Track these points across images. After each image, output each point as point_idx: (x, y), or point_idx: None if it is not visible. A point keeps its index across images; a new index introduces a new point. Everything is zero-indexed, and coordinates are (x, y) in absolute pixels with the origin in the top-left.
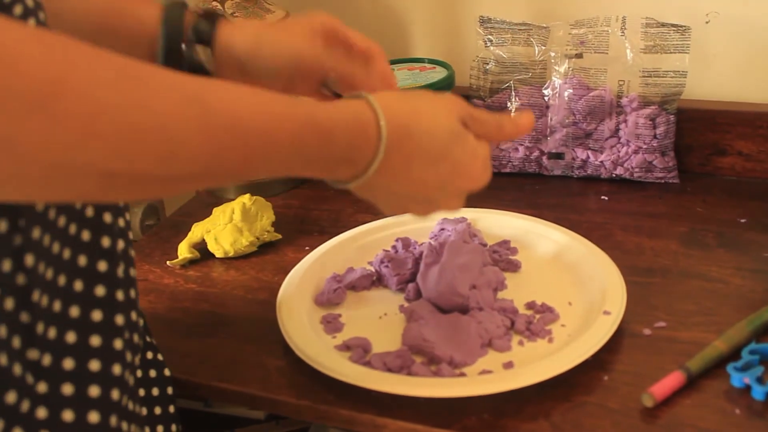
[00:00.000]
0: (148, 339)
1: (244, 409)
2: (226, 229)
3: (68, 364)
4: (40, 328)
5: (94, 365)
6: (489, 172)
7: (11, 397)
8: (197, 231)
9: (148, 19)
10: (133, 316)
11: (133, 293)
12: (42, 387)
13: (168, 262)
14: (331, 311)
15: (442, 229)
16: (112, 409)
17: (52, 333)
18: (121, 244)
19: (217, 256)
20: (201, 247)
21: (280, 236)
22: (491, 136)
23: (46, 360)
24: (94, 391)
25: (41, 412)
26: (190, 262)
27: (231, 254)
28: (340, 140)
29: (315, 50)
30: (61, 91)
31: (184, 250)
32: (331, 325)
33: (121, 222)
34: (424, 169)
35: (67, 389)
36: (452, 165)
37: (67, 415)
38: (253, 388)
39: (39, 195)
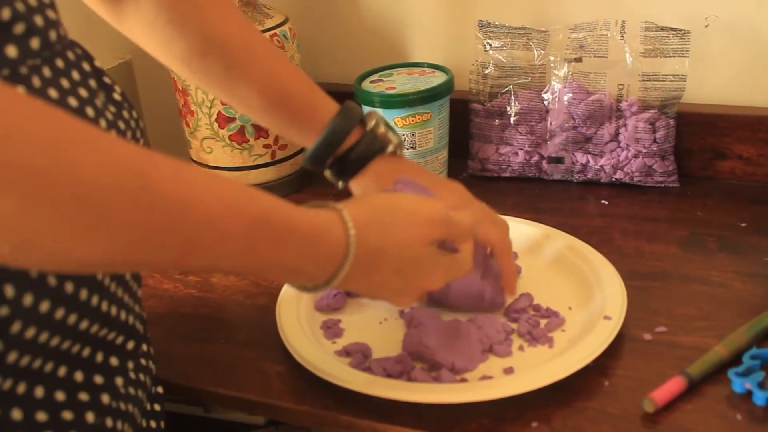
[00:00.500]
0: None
1: (243, 414)
2: None
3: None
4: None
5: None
6: (449, 277)
7: None
8: None
9: (319, 115)
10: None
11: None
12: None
13: None
14: (330, 316)
15: None
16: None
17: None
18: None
19: None
20: None
21: None
22: (468, 236)
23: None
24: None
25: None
26: None
27: None
28: (297, 248)
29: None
30: None
31: None
32: (331, 330)
33: None
34: (384, 277)
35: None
36: (411, 277)
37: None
38: (253, 393)
39: None
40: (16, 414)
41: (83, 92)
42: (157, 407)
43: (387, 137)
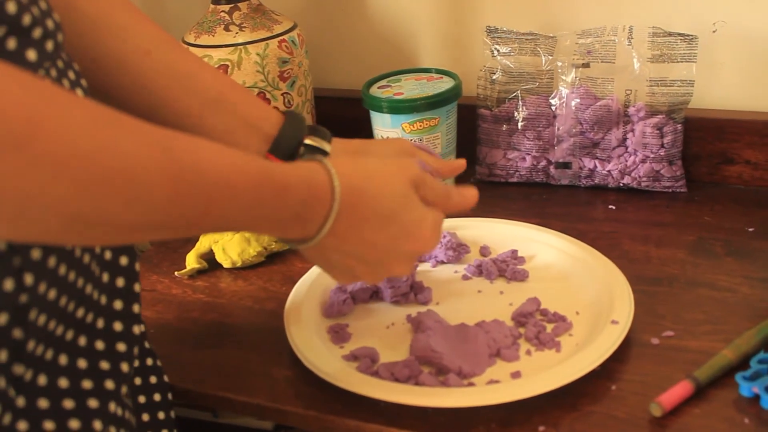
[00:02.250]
0: (147, 345)
1: (251, 419)
2: (234, 239)
3: (42, 379)
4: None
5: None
6: (438, 237)
7: None
8: (205, 241)
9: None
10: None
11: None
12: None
13: (176, 273)
14: (338, 321)
15: None
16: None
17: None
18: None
19: (224, 266)
20: (209, 257)
21: (287, 246)
22: (439, 202)
23: (28, 375)
24: (93, 403)
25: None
26: (198, 273)
27: (239, 264)
28: (294, 196)
29: None
30: (35, 132)
31: (192, 261)
32: (339, 335)
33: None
34: (374, 231)
35: (43, 403)
36: (401, 228)
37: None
38: (261, 398)
39: (4, 233)
40: (43, 403)
41: (79, 92)
42: (161, 415)
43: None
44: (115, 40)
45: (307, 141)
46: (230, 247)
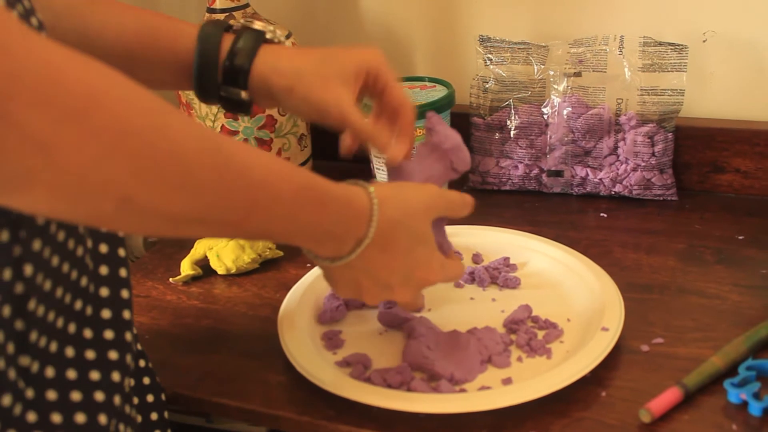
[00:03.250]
0: (139, 347)
1: (245, 424)
2: (229, 246)
3: (50, 372)
4: (33, 336)
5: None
6: (443, 275)
7: (6, 401)
8: (200, 248)
9: (184, 39)
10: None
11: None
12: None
13: (171, 279)
14: (331, 328)
15: None
16: (111, 413)
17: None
18: (123, 272)
19: (219, 272)
20: (203, 263)
21: (281, 253)
22: (457, 211)
23: (35, 367)
24: (99, 396)
25: (31, 416)
26: (193, 279)
27: (233, 271)
28: (333, 212)
29: (342, 108)
30: (95, 106)
31: (186, 267)
32: (332, 341)
33: (121, 252)
34: (397, 258)
35: (51, 395)
36: (417, 258)
37: (56, 418)
38: (255, 403)
39: (61, 208)
40: (51, 395)
41: None
42: (154, 416)
43: (262, 28)
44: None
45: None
46: (225, 254)
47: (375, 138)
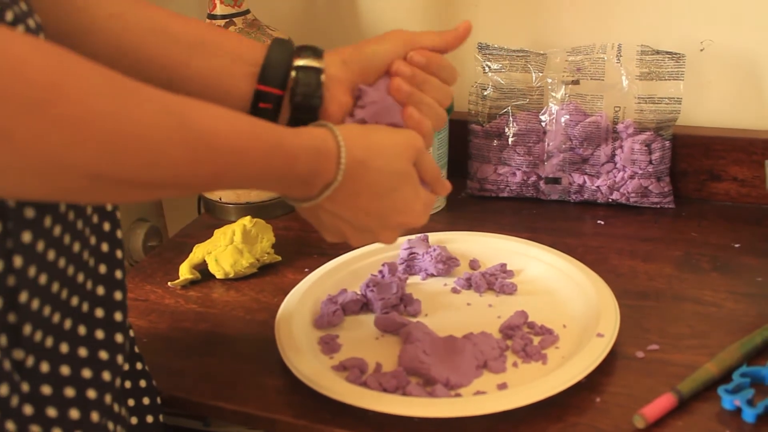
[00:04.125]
0: (136, 350)
1: (242, 428)
2: (227, 250)
3: (44, 366)
4: (27, 329)
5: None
6: (427, 215)
7: (4, 390)
8: (198, 252)
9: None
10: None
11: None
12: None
13: (169, 283)
14: (328, 332)
15: (412, 254)
16: (101, 409)
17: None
18: (119, 274)
19: (217, 277)
20: (202, 268)
21: (279, 258)
22: (429, 181)
23: (30, 361)
24: (70, 392)
25: (28, 409)
26: (191, 283)
27: (231, 275)
28: (303, 165)
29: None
30: (56, 96)
31: (185, 271)
32: (329, 345)
33: (119, 253)
34: (369, 202)
35: (46, 390)
36: (394, 202)
37: (51, 412)
38: (252, 407)
39: (32, 190)
40: (46, 390)
41: None
42: (149, 419)
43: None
44: (77, 11)
45: (297, 62)
46: (223, 259)
47: None
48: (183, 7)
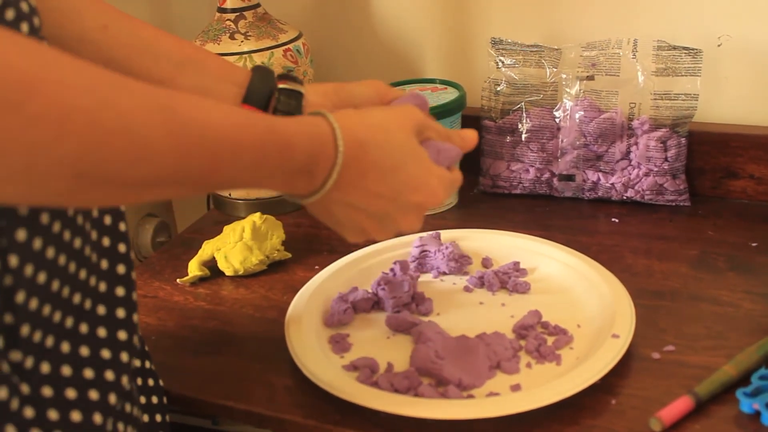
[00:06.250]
0: (146, 348)
1: (251, 427)
2: (236, 247)
3: (45, 367)
4: (25, 330)
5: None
6: (447, 191)
7: (3, 393)
8: (208, 249)
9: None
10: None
11: (133, 315)
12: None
13: (178, 280)
14: (339, 331)
15: (424, 252)
16: (104, 410)
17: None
18: (121, 269)
19: (226, 274)
20: (211, 265)
21: (289, 255)
22: (444, 138)
23: (29, 363)
24: (94, 394)
25: (28, 412)
26: (200, 280)
27: (241, 272)
28: (299, 150)
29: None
30: (31, 93)
31: (194, 268)
32: (339, 344)
33: (122, 247)
34: (378, 182)
35: (47, 391)
36: (406, 179)
37: (53, 414)
38: (261, 406)
39: (14, 193)
40: (47, 391)
41: None
42: (158, 417)
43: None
44: (69, 20)
45: (281, 86)
46: (232, 255)
47: None
48: (193, 1)
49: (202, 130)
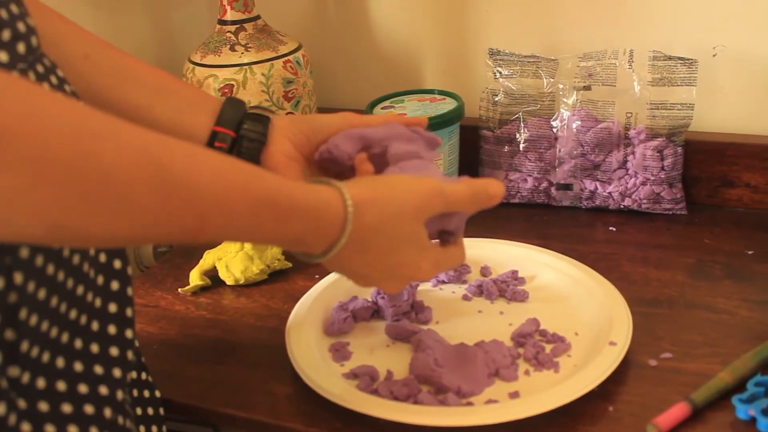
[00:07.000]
0: (142, 359)
1: None
2: (237, 257)
3: (41, 383)
4: (24, 346)
5: (83, 388)
6: (438, 270)
7: (1, 409)
8: (209, 258)
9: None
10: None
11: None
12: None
13: (179, 289)
14: (339, 339)
15: None
16: (99, 424)
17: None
18: (115, 285)
19: (227, 283)
20: (212, 274)
21: (290, 264)
22: (467, 208)
23: (25, 378)
24: (67, 408)
25: (26, 427)
26: (202, 289)
27: (242, 282)
28: (299, 224)
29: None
30: (9, 137)
31: (195, 278)
32: (339, 353)
33: (117, 264)
34: (375, 258)
35: (43, 406)
36: (399, 258)
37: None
38: (262, 414)
39: None
40: (43, 406)
41: None
42: (154, 429)
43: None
44: (51, 48)
45: (251, 111)
46: (233, 265)
47: None
48: (194, 14)
49: (192, 188)
